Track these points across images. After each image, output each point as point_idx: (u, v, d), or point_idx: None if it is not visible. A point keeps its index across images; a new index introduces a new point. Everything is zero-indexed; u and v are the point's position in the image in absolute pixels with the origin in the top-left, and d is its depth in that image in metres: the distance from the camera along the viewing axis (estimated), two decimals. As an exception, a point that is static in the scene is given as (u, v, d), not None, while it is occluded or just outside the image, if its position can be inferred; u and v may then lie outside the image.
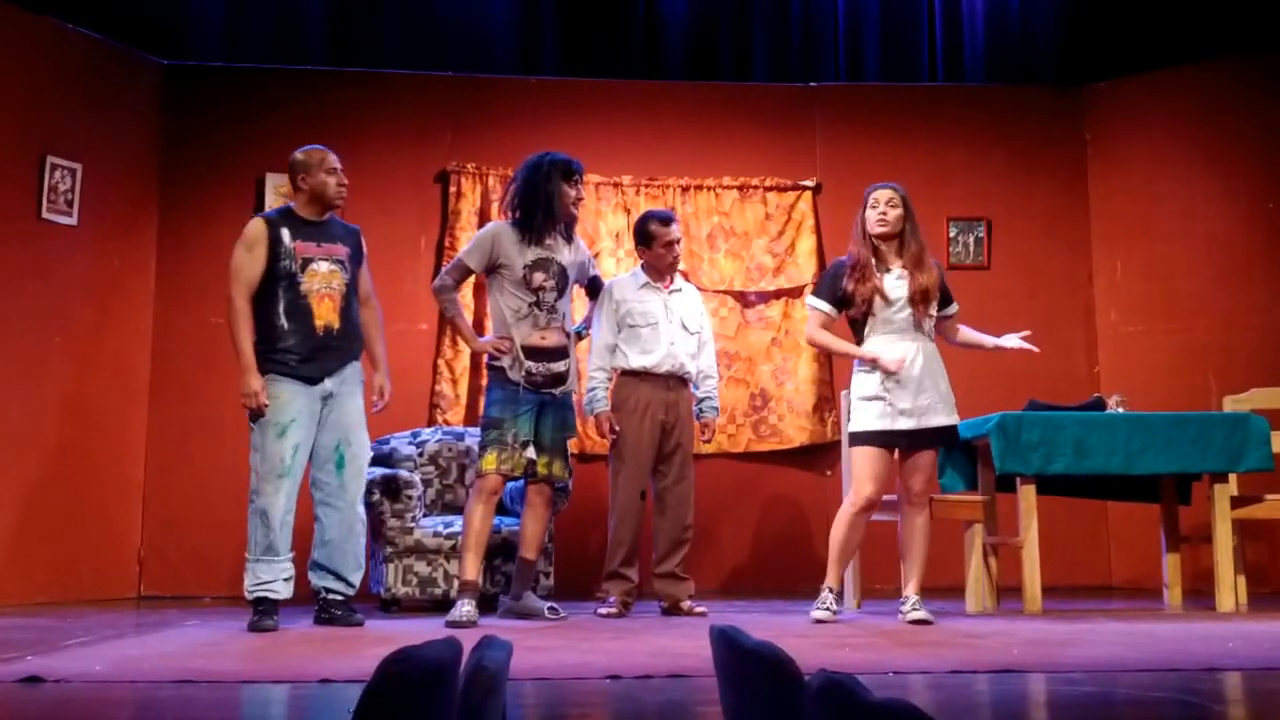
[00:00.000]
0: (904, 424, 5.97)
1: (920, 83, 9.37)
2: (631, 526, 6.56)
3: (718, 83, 9.19)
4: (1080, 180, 9.07)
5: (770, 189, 8.79)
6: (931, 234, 8.70)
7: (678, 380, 6.68)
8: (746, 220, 8.74)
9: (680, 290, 6.87)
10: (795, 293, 8.56)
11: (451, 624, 5.89)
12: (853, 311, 6.13)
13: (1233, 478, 6.65)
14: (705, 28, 9.44)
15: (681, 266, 7.03)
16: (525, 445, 6.20)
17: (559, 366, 6.29)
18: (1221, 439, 6.44)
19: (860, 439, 6.05)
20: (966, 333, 6.45)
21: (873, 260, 6.08)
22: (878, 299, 6.01)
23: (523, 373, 6.21)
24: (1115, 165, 9.00)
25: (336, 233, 6.10)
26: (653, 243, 6.77)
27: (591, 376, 6.73)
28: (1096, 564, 8.62)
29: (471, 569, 6.16)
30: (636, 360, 6.63)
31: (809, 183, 8.78)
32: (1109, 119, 9.05)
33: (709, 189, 8.75)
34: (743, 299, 8.65)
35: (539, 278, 6.27)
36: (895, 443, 6.03)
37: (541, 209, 6.29)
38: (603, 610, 6.45)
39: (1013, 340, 6.36)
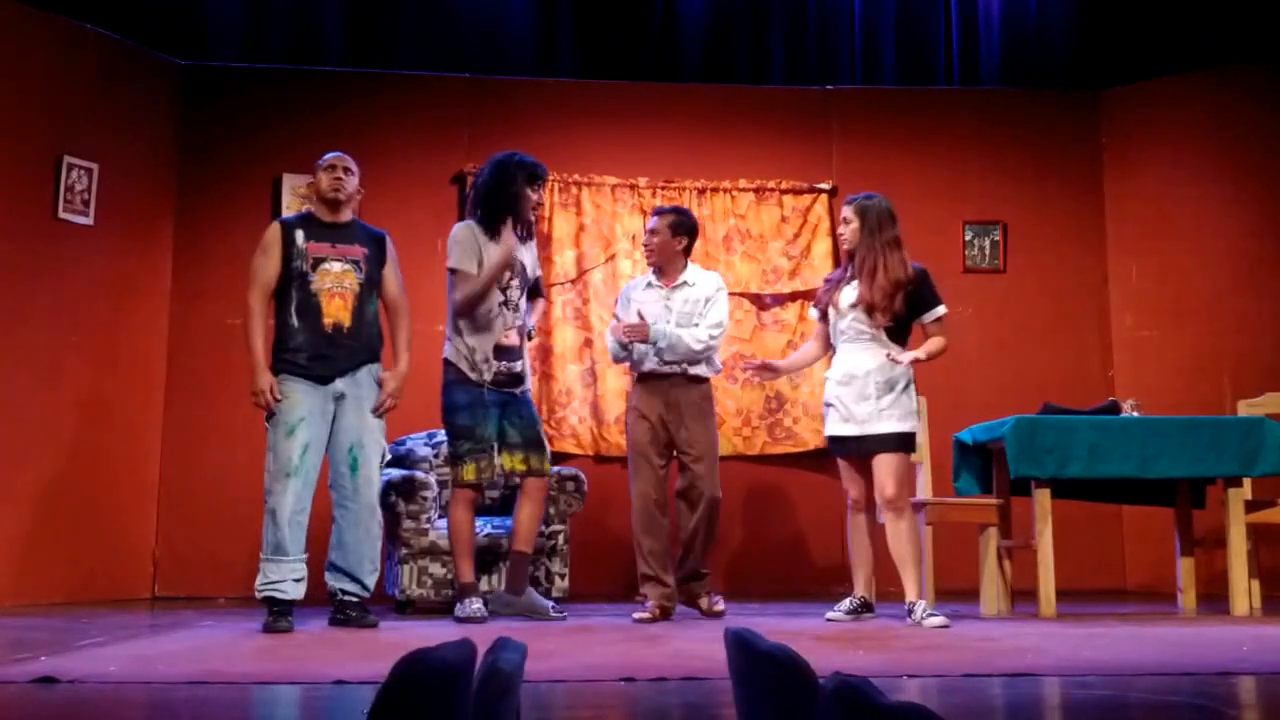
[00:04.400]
0: (849, 430, 6.24)
1: (936, 86, 9.37)
2: (647, 528, 6.43)
3: (734, 85, 9.19)
4: (1096, 184, 9.06)
5: (786, 192, 8.79)
6: (946, 238, 8.75)
7: (678, 378, 6.51)
8: (762, 223, 8.74)
9: (686, 284, 6.64)
10: (811, 295, 8.48)
11: (464, 619, 5.92)
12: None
13: (1247, 482, 6.64)
14: (722, 31, 9.44)
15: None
16: (495, 450, 6.28)
17: (517, 366, 6.35)
18: (1236, 443, 6.43)
19: (829, 444, 6.48)
20: (934, 340, 6.32)
21: (844, 272, 6.41)
22: (832, 310, 6.38)
23: (492, 373, 6.23)
24: (1131, 169, 8.99)
25: (354, 234, 6.11)
26: None
27: (611, 345, 6.70)
28: (1111, 567, 8.61)
29: (469, 572, 6.27)
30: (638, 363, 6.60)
31: (825, 186, 8.78)
32: (1125, 123, 9.04)
33: (725, 191, 8.75)
34: (758, 301, 8.65)
35: (506, 277, 6.28)
36: (848, 447, 6.28)
37: (506, 209, 6.34)
38: (637, 615, 6.30)
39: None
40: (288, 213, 7.94)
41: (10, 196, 7.40)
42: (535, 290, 6.72)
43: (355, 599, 5.93)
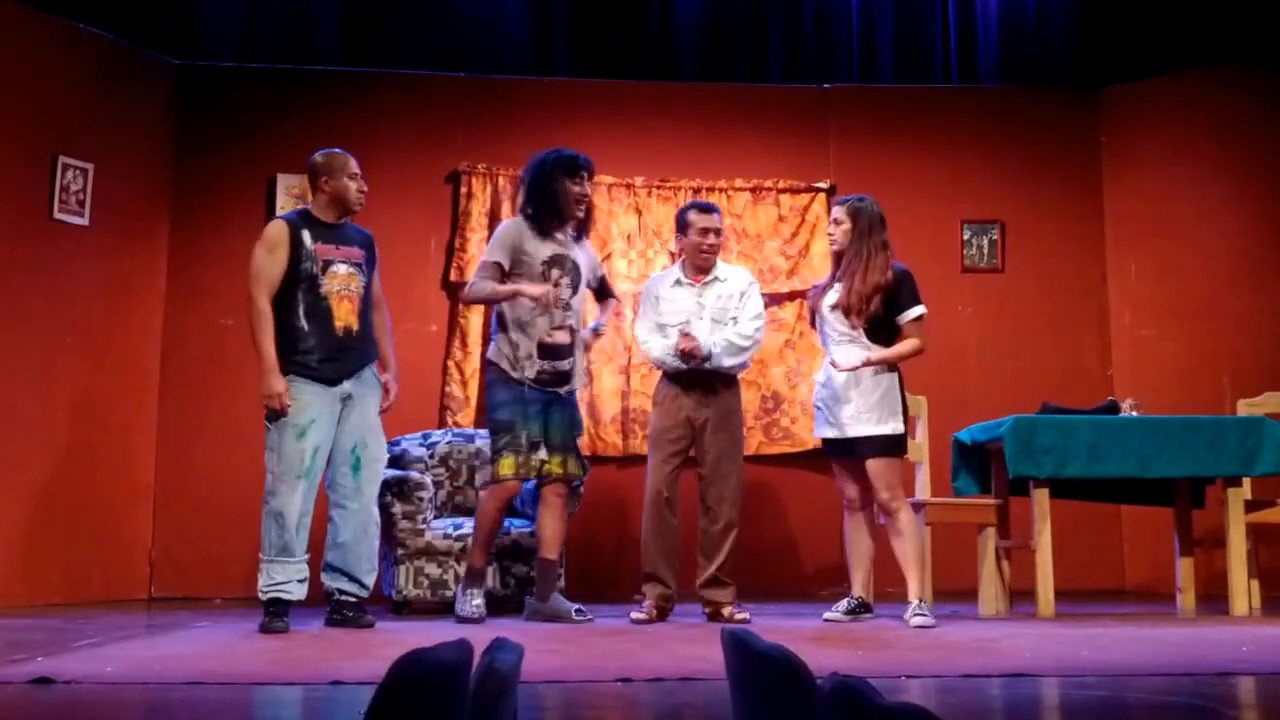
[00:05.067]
0: (833, 433, 6.33)
1: (934, 85, 9.36)
2: (655, 527, 6.35)
3: (731, 84, 9.18)
4: (1095, 183, 9.05)
5: (784, 191, 8.78)
6: (945, 236, 8.74)
7: (707, 376, 6.40)
8: (759, 222, 8.73)
9: (718, 280, 6.54)
10: (808, 295, 8.51)
11: (463, 619, 5.94)
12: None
13: (1246, 481, 6.63)
14: (719, 29, 9.42)
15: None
16: (535, 447, 6.22)
17: (565, 365, 6.30)
18: (1235, 442, 6.42)
19: (823, 445, 6.56)
20: (906, 342, 6.32)
21: (832, 275, 6.46)
22: (817, 314, 6.45)
23: (534, 371, 6.22)
24: (1130, 168, 8.98)
25: (352, 236, 6.11)
26: (688, 230, 6.53)
27: (646, 348, 6.51)
28: (1110, 568, 8.60)
29: (480, 559, 6.30)
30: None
31: (823, 185, 8.77)
32: (1124, 122, 9.03)
33: (722, 191, 8.73)
34: (755, 301, 8.63)
35: (555, 274, 6.28)
36: (839, 449, 6.34)
37: (547, 206, 6.33)
38: (635, 615, 6.25)
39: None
40: (281, 213, 7.91)
41: (6, 197, 7.39)
42: (606, 290, 6.75)
43: (353, 599, 5.92)
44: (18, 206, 7.45)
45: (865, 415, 6.15)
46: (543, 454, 6.23)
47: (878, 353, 6.19)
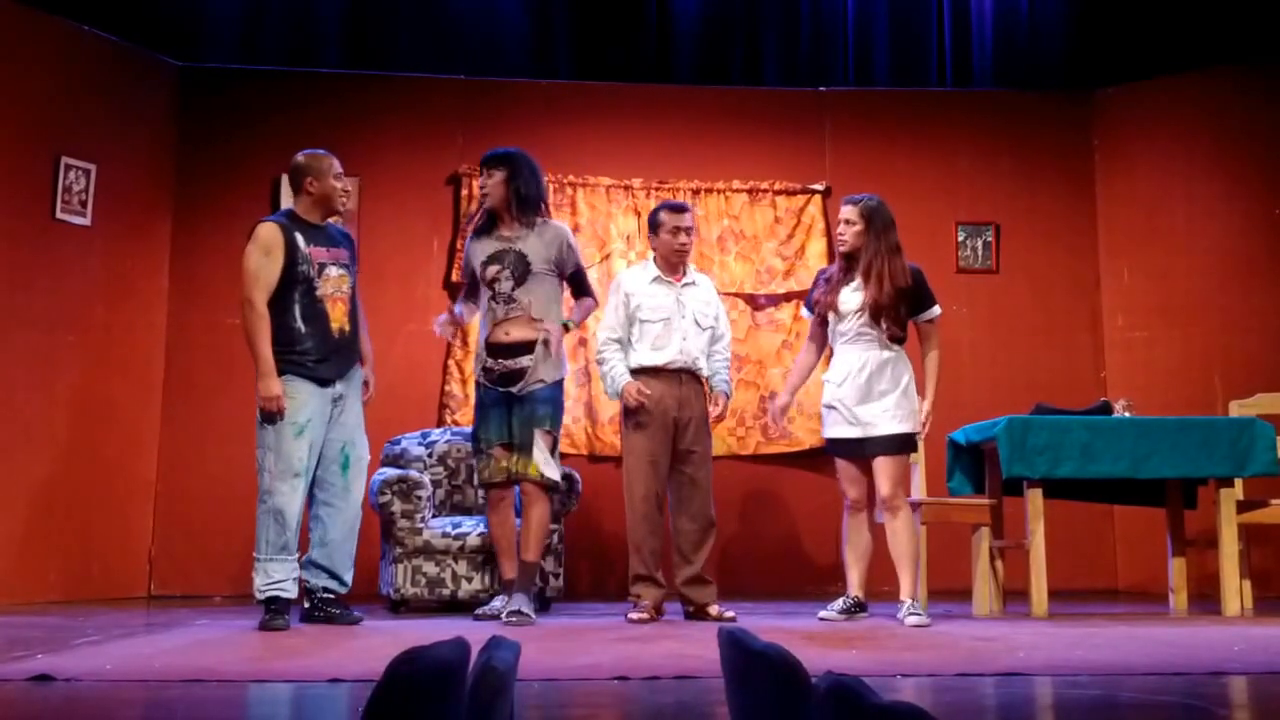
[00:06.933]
0: (852, 432, 6.26)
1: (929, 88, 9.38)
2: (650, 528, 6.33)
3: (728, 87, 9.20)
4: (1088, 185, 9.08)
5: (780, 193, 8.80)
6: (939, 238, 8.76)
7: (690, 376, 6.45)
8: (756, 224, 8.75)
9: (694, 284, 6.61)
10: (805, 295, 8.51)
11: (478, 616, 6.18)
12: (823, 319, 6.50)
13: (1238, 482, 6.66)
14: (716, 32, 9.45)
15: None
16: (500, 448, 6.23)
17: (518, 363, 6.20)
18: (1227, 443, 6.44)
19: (828, 446, 6.48)
20: (929, 362, 6.42)
21: (842, 273, 6.41)
22: (831, 313, 6.37)
23: (482, 369, 6.28)
24: (1123, 170, 9.01)
25: (336, 236, 6.15)
26: (659, 229, 6.55)
27: (602, 358, 6.50)
28: (1103, 568, 8.63)
29: (505, 570, 6.33)
30: (648, 357, 6.42)
31: (818, 186, 8.80)
32: (1117, 124, 9.06)
33: (719, 192, 8.76)
34: (753, 302, 8.66)
35: (492, 270, 6.28)
36: (851, 449, 6.29)
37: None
38: (634, 615, 6.20)
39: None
40: (267, 215, 7.92)
41: (8, 197, 7.41)
42: (582, 288, 6.61)
43: (333, 596, 5.97)
44: (20, 207, 7.48)
45: (888, 413, 6.16)
46: (511, 453, 6.24)
47: (929, 392, 6.35)
